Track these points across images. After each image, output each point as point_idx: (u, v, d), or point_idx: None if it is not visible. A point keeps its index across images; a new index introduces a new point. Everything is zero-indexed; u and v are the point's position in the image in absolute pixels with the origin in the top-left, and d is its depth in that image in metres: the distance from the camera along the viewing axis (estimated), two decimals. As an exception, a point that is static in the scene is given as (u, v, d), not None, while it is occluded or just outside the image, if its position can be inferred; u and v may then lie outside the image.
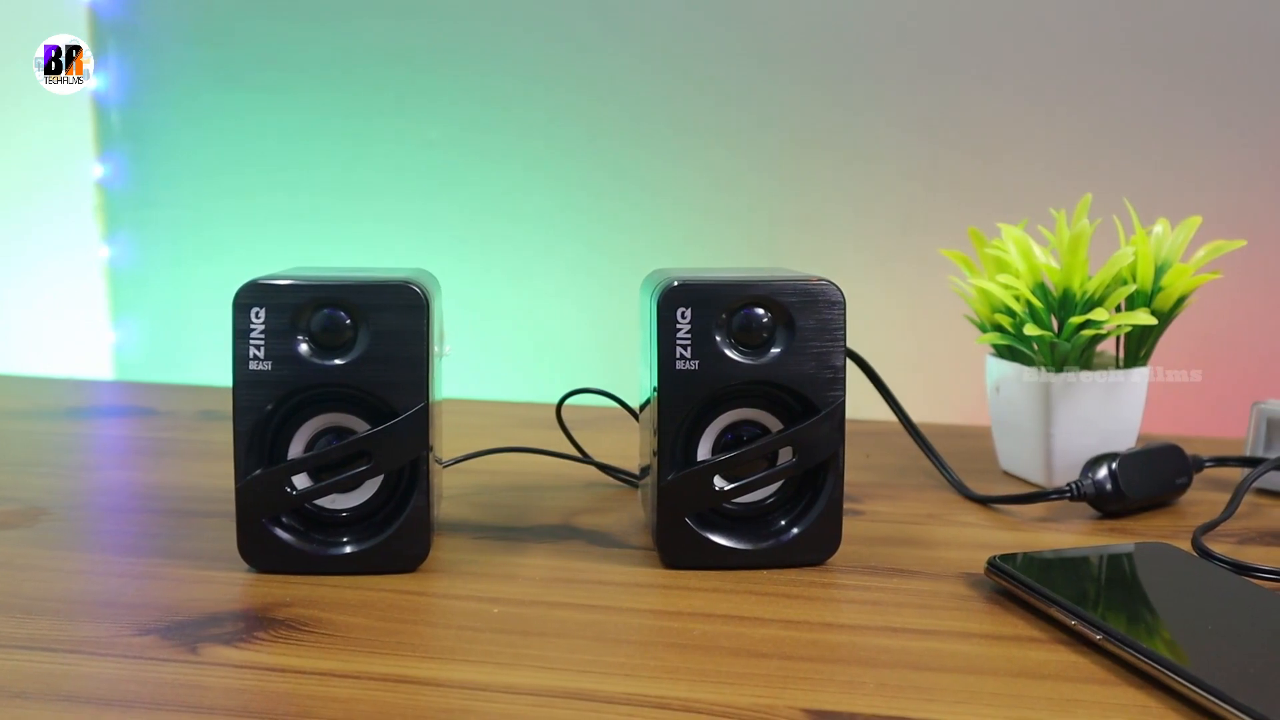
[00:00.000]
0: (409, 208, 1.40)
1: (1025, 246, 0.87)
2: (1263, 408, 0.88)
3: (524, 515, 0.81)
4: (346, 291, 0.65)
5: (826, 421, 0.68)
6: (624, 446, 0.91)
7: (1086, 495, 0.80)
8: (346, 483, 0.66)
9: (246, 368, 0.65)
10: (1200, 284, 0.87)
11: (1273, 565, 0.67)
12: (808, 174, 1.29)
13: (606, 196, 1.34)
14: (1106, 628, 0.56)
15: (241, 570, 0.67)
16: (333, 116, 1.41)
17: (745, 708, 0.50)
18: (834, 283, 0.68)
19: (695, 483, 0.68)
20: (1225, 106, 1.17)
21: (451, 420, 0.84)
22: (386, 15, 1.38)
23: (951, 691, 0.52)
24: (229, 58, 1.38)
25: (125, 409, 1.26)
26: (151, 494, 0.88)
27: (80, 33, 1.48)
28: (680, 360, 0.67)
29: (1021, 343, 0.86)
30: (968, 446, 0.98)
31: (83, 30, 1.48)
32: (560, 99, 1.35)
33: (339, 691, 0.52)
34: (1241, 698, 0.48)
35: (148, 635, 0.58)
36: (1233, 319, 1.15)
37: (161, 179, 1.47)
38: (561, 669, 0.54)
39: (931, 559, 0.71)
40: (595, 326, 1.33)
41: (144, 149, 1.48)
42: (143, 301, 1.51)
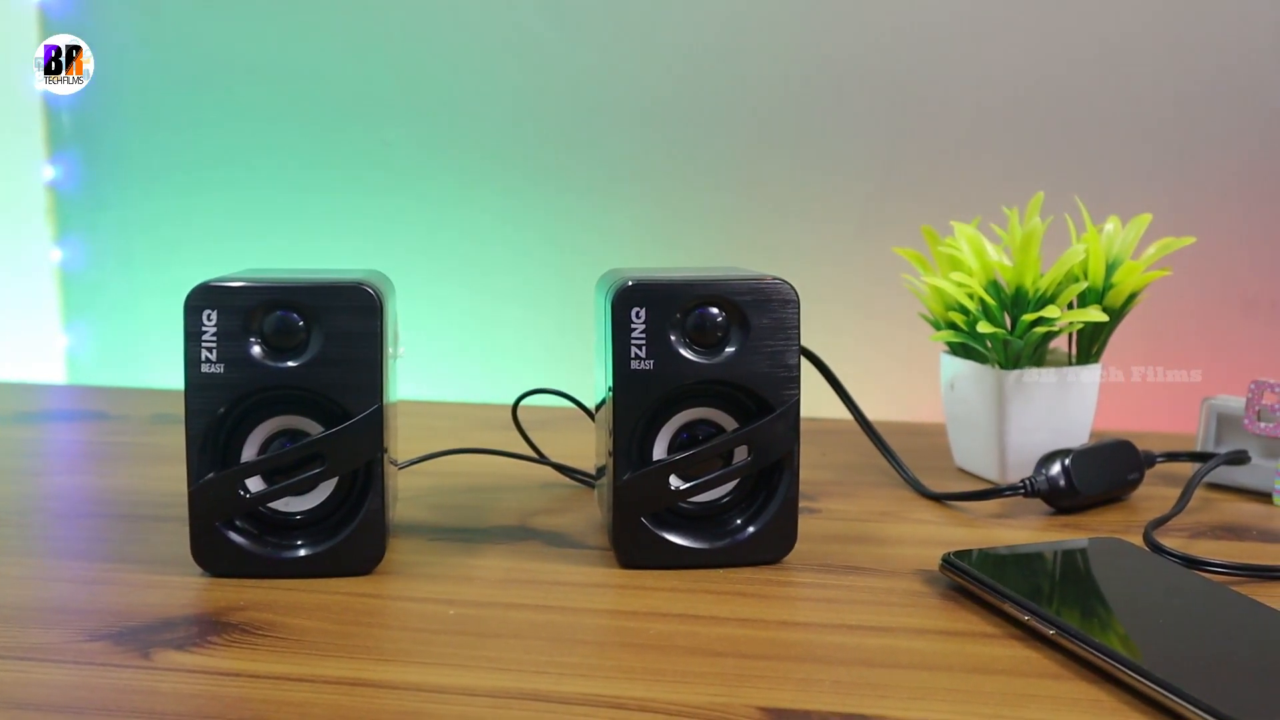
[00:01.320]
0: (364, 209, 1.39)
1: (978, 244, 0.88)
2: (1213, 403, 0.89)
3: (480, 516, 0.80)
4: (299, 293, 0.65)
5: (781, 420, 0.68)
6: (580, 447, 0.91)
7: (1040, 491, 0.80)
8: (300, 485, 0.66)
9: (198, 370, 0.64)
10: (1150, 281, 0.88)
11: (1223, 559, 0.67)
12: (763, 174, 1.29)
13: (561, 197, 1.34)
14: (1059, 623, 0.56)
15: (195, 574, 0.66)
16: (287, 118, 1.40)
17: (701, 707, 0.50)
18: (788, 281, 0.68)
19: (651, 482, 0.68)
20: (1175, 105, 1.18)
21: (407, 422, 0.84)
22: (341, 15, 1.37)
23: (906, 688, 0.53)
24: (181, 59, 1.37)
25: (77, 413, 1.25)
26: (104, 498, 0.87)
27: (29, 33, 1.47)
28: (635, 360, 0.67)
29: (975, 340, 0.87)
30: (923, 444, 0.99)
31: (32, 30, 1.46)
32: (516, 99, 1.35)
33: (293, 695, 0.52)
34: (1192, 690, 0.48)
35: (99, 641, 0.57)
36: (1183, 315, 1.16)
37: (114, 181, 1.46)
38: (517, 670, 0.54)
39: (887, 556, 0.72)
40: (551, 327, 1.33)
41: (96, 151, 1.46)
42: (95, 305, 1.49)
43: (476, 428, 1.07)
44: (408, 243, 1.37)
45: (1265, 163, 1.18)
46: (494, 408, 1.01)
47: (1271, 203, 1.18)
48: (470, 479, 0.90)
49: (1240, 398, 0.87)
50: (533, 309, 1.35)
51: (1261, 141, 1.18)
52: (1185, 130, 1.19)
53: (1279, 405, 0.84)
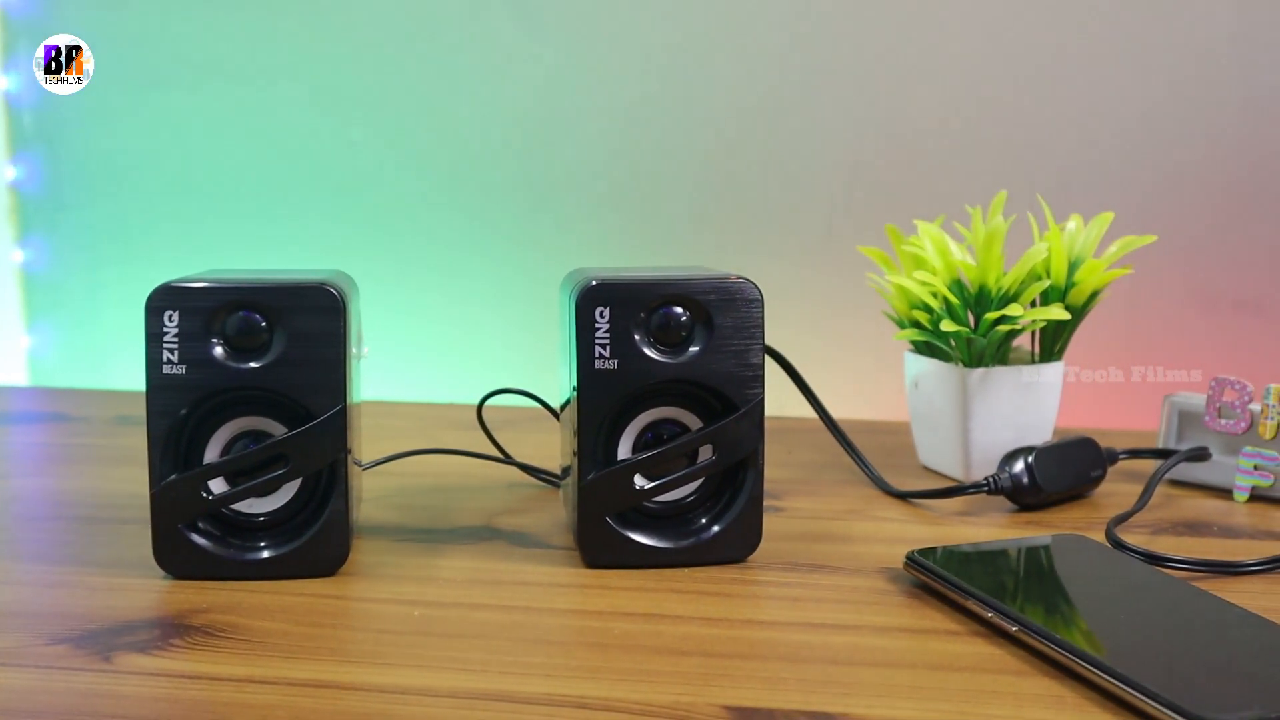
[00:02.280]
0: (329, 209, 1.39)
1: (942, 243, 0.88)
2: (1174, 400, 0.90)
3: (445, 517, 0.80)
4: (261, 294, 0.65)
5: (746, 419, 0.68)
6: (546, 447, 0.91)
7: (1004, 489, 0.80)
8: (264, 487, 0.66)
9: (160, 372, 0.64)
10: (1112, 279, 0.89)
11: (1184, 555, 0.68)
12: (728, 172, 1.29)
13: (526, 196, 1.33)
14: (1022, 619, 0.57)
15: (157, 577, 0.66)
16: (251, 117, 1.39)
17: (666, 706, 0.50)
18: (752, 281, 0.68)
19: (616, 482, 0.68)
20: (1136, 104, 1.19)
21: (371, 423, 0.84)
22: (306, 13, 1.36)
23: (870, 685, 0.53)
24: (143, 57, 1.36)
25: (39, 415, 1.24)
26: (65, 501, 0.86)
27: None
28: (600, 359, 0.67)
29: (939, 339, 0.87)
30: (887, 442, 0.99)
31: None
32: (480, 98, 1.34)
33: (256, 698, 0.51)
34: (1153, 685, 0.49)
35: (60, 645, 0.57)
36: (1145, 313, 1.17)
37: (76, 181, 1.45)
38: (481, 670, 0.54)
39: (851, 554, 0.72)
40: (516, 326, 1.33)
41: (58, 151, 1.45)
42: (58, 306, 1.48)
43: (441, 428, 1.06)
44: (372, 243, 1.37)
45: (1228, 160, 1.19)
46: (459, 408, 1.01)
47: (1233, 200, 1.19)
48: (435, 479, 0.90)
49: (1201, 395, 0.88)
50: (498, 309, 1.34)
51: (1224, 139, 1.19)
52: (1147, 129, 1.20)
53: (1239, 402, 0.85)
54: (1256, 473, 0.83)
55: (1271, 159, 1.18)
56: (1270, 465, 0.83)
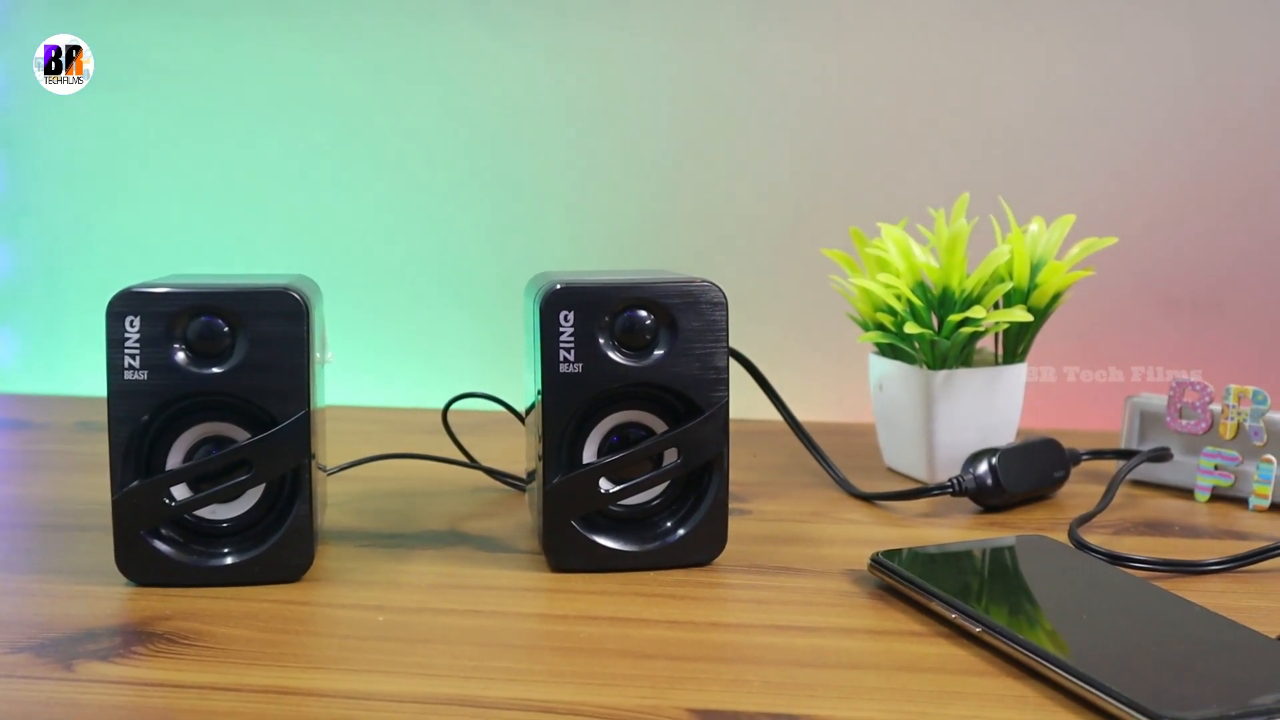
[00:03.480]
0: (292, 212, 1.38)
1: (905, 246, 0.89)
2: (1136, 401, 0.91)
3: (410, 522, 0.80)
4: (223, 299, 0.64)
5: (711, 422, 0.68)
6: (511, 451, 0.90)
7: (968, 490, 0.81)
8: (227, 492, 0.65)
9: (121, 377, 0.64)
10: (1074, 281, 0.89)
11: (1146, 555, 0.68)
12: (691, 175, 1.29)
13: (490, 199, 1.33)
14: (985, 620, 0.57)
15: (120, 584, 0.66)
16: (212, 119, 1.38)
17: (631, 709, 0.50)
18: (716, 284, 0.68)
19: (581, 485, 0.68)
20: (1097, 105, 1.20)
21: (336, 427, 0.83)
22: (263, 15, 1.36)
23: (835, 687, 0.53)
24: (103, 60, 1.35)
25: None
26: (26, 508, 0.86)
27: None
28: (564, 363, 0.67)
29: (903, 341, 0.87)
30: (852, 444, 0.99)
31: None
32: (445, 99, 1.34)
33: (219, 705, 0.51)
34: (1115, 685, 0.49)
35: (20, 653, 0.56)
36: (1106, 315, 1.18)
37: (36, 185, 1.44)
38: (446, 675, 0.54)
39: (816, 556, 0.72)
40: (480, 331, 1.32)
41: (17, 155, 1.44)
42: (19, 311, 1.47)
43: (406, 432, 1.06)
44: (335, 247, 1.36)
45: (1188, 162, 1.19)
46: (424, 412, 1.01)
47: (1194, 202, 1.20)
48: (400, 484, 0.89)
49: (1162, 396, 0.88)
50: (462, 312, 1.34)
51: (1184, 142, 1.20)
52: (1111, 131, 1.21)
53: (1200, 403, 0.85)
54: (1217, 472, 0.84)
55: (1231, 160, 1.19)
56: (1231, 465, 0.84)
